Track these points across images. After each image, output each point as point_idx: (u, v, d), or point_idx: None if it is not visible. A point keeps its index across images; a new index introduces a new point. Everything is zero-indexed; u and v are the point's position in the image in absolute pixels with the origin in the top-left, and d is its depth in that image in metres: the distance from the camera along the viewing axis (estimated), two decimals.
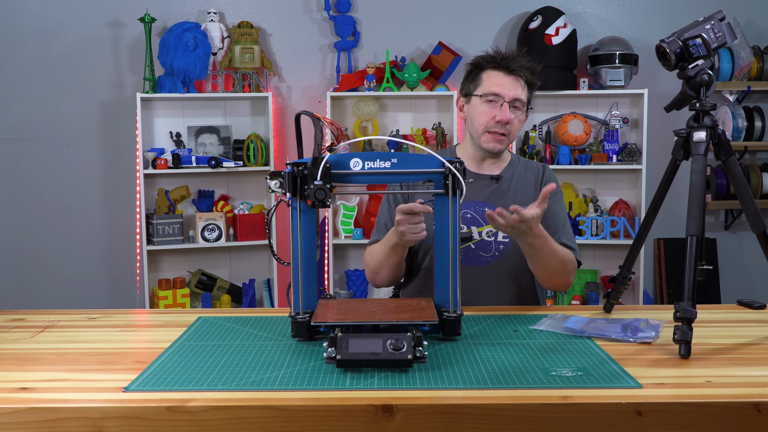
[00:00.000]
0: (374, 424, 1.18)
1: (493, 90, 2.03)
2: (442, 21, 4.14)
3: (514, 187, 2.12)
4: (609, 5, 4.20)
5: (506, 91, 2.03)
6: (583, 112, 4.12)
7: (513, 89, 2.03)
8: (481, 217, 2.07)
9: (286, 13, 4.11)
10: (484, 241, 2.06)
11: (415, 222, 1.79)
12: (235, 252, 4.19)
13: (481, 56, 2.10)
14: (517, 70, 2.05)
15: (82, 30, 3.99)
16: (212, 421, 1.18)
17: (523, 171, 2.16)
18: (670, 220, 3.63)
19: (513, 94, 2.03)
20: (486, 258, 2.06)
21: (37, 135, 4.01)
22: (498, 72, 2.05)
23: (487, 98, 2.04)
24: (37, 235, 4.05)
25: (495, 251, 2.06)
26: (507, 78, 2.04)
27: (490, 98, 2.04)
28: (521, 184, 2.13)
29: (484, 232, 2.06)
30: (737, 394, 1.22)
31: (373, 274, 2.08)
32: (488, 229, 2.06)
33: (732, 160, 1.68)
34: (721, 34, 1.66)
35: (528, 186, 2.13)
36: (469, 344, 1.54)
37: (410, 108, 4.18)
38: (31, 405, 1.20)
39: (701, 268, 1.66)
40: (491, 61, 2.07)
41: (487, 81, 2.06)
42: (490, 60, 2.07)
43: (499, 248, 2.06)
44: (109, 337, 1.66)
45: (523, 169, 2.17)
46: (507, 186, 2.12)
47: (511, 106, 2.03)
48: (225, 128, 4.07)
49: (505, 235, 2.05)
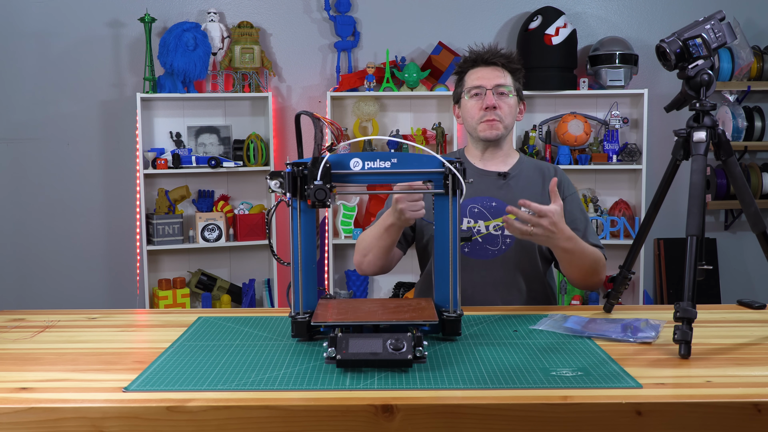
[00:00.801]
0: (374, 424, 1.18)
1: (475, 84, 2.14)
2: (442, 21, 4.14)
3: (521, 184, 2.15)
4: (609, 5, 4.20)
5: (486, 80, 2.12)
6: (583, 112, 4.12)
7: (493, 78, 2.13)
8: (488, 212, 2.10)
9: (286, 13, 4.11)
10: (491, 235, 2.09)
11: (414, 199, 1.82)
12: (235, 252, 4.19)
13: (460, 62, 2.23)
14: (491, 59, 2.15)
15: (82, 30, 3.99)
16: (212, 421, 1.18)
17: (531, 170, 2.20)
18: (670, 220, 3.63)
19: (494, 82, 2.12)
20: (493, 252, 2.08)
21: (37, 135, 4.01)
22: (476, 68, 2.17)
23: (471, 93, 2.14)
24: (37, 235, 4.05)
25: (502, 245, 2.08)
26: (485, 69, 2.15)
27: (474, 92, 2.14)
28: (528, 181, 2.16)
29: (491, 226, 2.10)
30: (737, 394, 1.22)
31: (361, 256, 2.09)
32: (495, 223, 2.09)
33: (732, 160, 1.68)
34: (721, 34, 1.66)
35: (535, 184, 2.16)
36: (469, 344, 1.54)
37: (410, 108, 4.18)
38: (31, 405, 1.20)
39: (701, 268, 1.66)
40: (468, 61, 2.19)
41: (469, 79, 2.17)
42: (468, 61, 2.20)
43: (506, 242, 2.09)
44: (109, 337, 1.66)
45: (532, 168, 2.21)
46: (514, 183, 2.15)
47: (495, 92, 2.12)
48: (225, 128, 4.07)
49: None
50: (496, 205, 2.10)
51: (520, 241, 2.07)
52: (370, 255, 2.06)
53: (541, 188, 2.15)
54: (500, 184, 2.14)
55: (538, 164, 2.23)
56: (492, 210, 2.10)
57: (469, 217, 2.10)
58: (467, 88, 2.15)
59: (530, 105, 4.18)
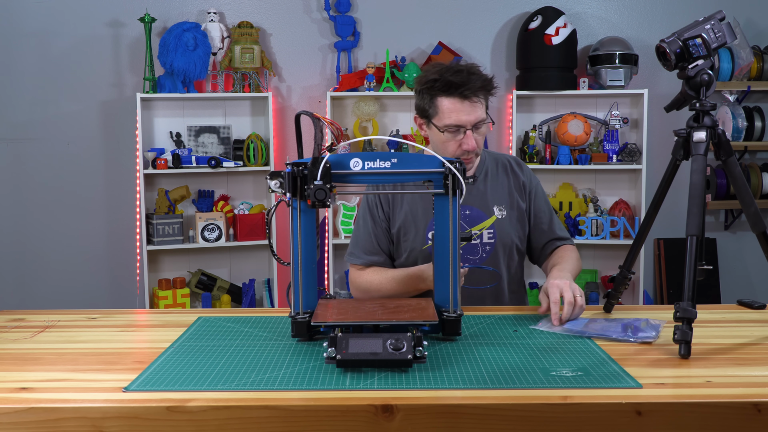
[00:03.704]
0: (374, 424, 1.18)
1: (452, 122, 1.92)
2: (442, 21, 4.14)
3: (490, 187, 2.11)
4: (609, 5, 4.20)
5: (466, 118, 1.92)
6: (583, 112, 4.12)
7: (472, 114, 1.92)
8: (464, 221, 2.06)
9: (286, 13, 4.11)
10: (471, 244, 2.06)
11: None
12: (235, 252, 4.18)
13: (430, 80, 1.94)
14: (471, 96, 1.91)
15: (82, 30, 3.99)
16: (212, 421, 1.18)
17: (493, 167, 2.15)
18: (670, 220, 3.63)
19: (473, 119, 1.93)
20: (474, 261, 2.07)
21: (37, 135, 4.01)
22: (452, 99, 1.92)
23: (449, 130, 1.94)
24: (37, 235, 4.05)
25: (482, 253, 2.07)
26: (463, 105, 1.91)
27: (452, 130, 1.94)
28: (495, 182, 2.12)
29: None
30: (737, 394, 1.22)
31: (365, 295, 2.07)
32: (473, 231, 2.06)
33: (732, 160, 1.68)
34: (721, 34, 1.66)
35: (502, 183, 2.12)
36: (469, 344, 1.54)
37: (410, 108, 4.18)
38: (31, 405, 1.20)
39: (701, 268, 1.66)
40: (442, 89, 1.92)
41: (444, 112, 1.93)
42: (441, 87, 1.92)
43: (486, 249, 2.07)
44: (109, 337, 1.66)
45: (494, 164, 2.15)
46: (483, 186, 2.11)
47: (474, 129, 1.95)
48: (225, 128, 4.07)
49: (491, 236, 2.06)
50: (470, 213, 2.07)
51: (500, 245, 2.07)
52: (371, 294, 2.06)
53: (507, 185, 2.12)
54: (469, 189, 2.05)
55: (499, 158, 2.16)
56: (467, 219, 2.07)
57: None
58: (444, 123, 1.93)
59: (530, 105, 4.18)
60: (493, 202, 2.09)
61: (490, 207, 2.08)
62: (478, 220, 2.07)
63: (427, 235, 2.04)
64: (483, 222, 2.07)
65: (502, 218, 2.08)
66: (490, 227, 2.07)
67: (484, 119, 1.95)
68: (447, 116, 1.93)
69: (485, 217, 2.07)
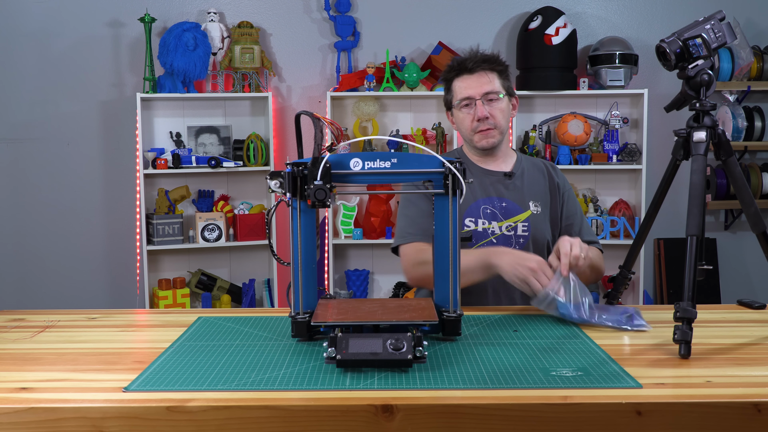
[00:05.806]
0: (374, 424, 1.18)
1: (463, 95, 2.10)
2: (442, 21, 4.14)
3: (527, 184, 2.18)
4: (609, 5, 4.20)
5: (473, 90, 2.09)
6: (583, 112, 4.12)
7: (479, 86, 2.09)
8: (500, 212, 2.12)
9: (286, 13, 4.11)
10: (505, 236, 2.10)
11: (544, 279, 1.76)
12: (235, 252, 4.18)
13: (446, 70, 2.18)
14: (475, 68, 2.10)
15: (82, 30, 3.99)
16: (212, 421, 1.18)
17: (531, 168, 2.23)
18: (670, 220, 3.63)
19: (481, 90, 2.08)
20: None
21: (37, 135, 4.01)
22: (461, 77, 2.12)
23: (461, 105, 2.11)
24: (37, 235, 4.05)
25: (515, 245, 2.10)
26: (470, 78, 2.10)
27: (465, 103, 2.11)
28: (532, 180, 2.19)
29: (504, 227, 2.11)
30: (737, 394, 1.22)
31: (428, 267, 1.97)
32: (508, 224, 2.10)
33: (732, 160, 1.68)
34: (721, 34, 1.66)
35: (539, 182, 2.20)
36: (469, 344, 1.54)
37: (410, 108, 4.18)
38: (31, 405, 1.20)
39: (701, 268, 1.66)
40: (453, 71, 2.14)
41: (456, 91, 2.13)
42: (452, 70, 2.14)
43: (519, 242, 2.10)
44: (109, 337, 1.66)
45: (531, 166, 2.24)
46: (520, 182, 2.17)
47: (484, 101, 2.08)
48: (225, 128, 4.07)
49: (525, 229, 2.11)
50: (506, 206, 2.12)
51: (533, 240, 2.10)
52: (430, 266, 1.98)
53: (543, 185, 2.19)
54: (507, 184, 2.16)
55: (534, 161, 2.27)
56: (503, 211, 2.12)
57: (483, 218, 2.12)
58: (456, 99, 2.12)
59: (530, 105, 4.18)
60: (529, 197, 2.15)
61: (525, 202, 2.14)
62: (514, 213, 2.12)
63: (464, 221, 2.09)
64: (518, 215, 2.11)
65: (537, 214, 2.13)
66: (525, 221, 2.11)
67: (494, 91, 2.09)
68: (459, 92, 2.12)
69: (521, 211, 2.12)
